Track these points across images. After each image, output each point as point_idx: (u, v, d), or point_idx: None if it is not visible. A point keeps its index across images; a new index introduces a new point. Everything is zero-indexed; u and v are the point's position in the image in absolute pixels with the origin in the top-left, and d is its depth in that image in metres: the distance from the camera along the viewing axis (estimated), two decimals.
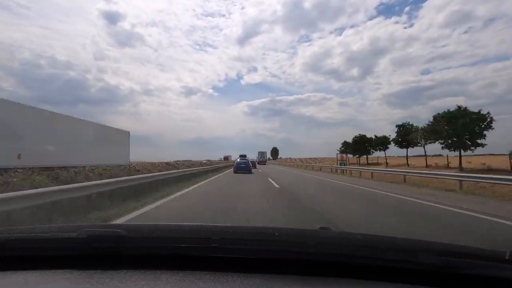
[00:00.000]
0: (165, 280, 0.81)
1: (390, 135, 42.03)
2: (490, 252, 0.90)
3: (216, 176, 18.51)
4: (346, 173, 23.27)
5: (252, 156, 60.24)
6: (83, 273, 0.86)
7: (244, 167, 22.28)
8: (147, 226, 1.12)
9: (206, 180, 14.64)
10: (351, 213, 6.03)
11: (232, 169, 24.02)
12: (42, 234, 0.98)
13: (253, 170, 24.45)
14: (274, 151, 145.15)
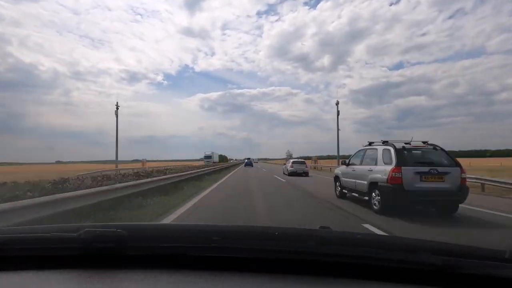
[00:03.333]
0: (165, 280, 0.81)
1: None
2: (490, 252, 0.91)
3: None
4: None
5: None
6: (83, 273, 0.86)
7: (249, 163, 49.99)
8: (147, 226, 1.13)
9: None
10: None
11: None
12: (42, 234, 0.98)
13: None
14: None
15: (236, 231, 1.05)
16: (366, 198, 6.88)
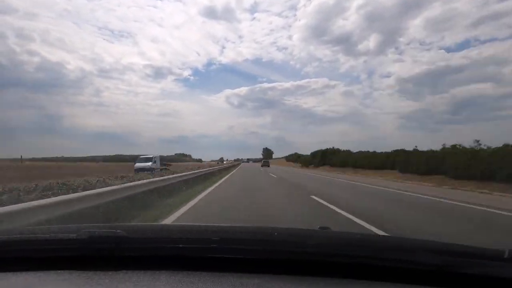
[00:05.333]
0: (164, 281, 0.81)
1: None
2: (489, 251, 0.91)
3: None
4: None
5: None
6: (82, 274, 0.86)
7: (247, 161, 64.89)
8: (146, 226, 1.14)
9: None
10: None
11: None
12: (42, 235, 0.98)
13: None
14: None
15: (235, 232, 1.06)
16: None
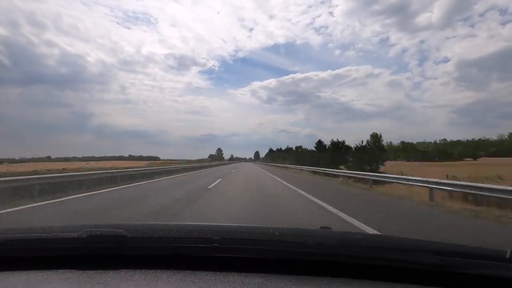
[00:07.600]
0: (165, 280, 0.81)
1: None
2: (490, 252, 0.91)
3: None
4: None
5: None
6: (84, 273, 0.86)
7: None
8: (148, 226, 1.14)
9: None
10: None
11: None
12: (43, 234, 0.99)
13: None
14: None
15: (236, 231, 1.06)
16: None
